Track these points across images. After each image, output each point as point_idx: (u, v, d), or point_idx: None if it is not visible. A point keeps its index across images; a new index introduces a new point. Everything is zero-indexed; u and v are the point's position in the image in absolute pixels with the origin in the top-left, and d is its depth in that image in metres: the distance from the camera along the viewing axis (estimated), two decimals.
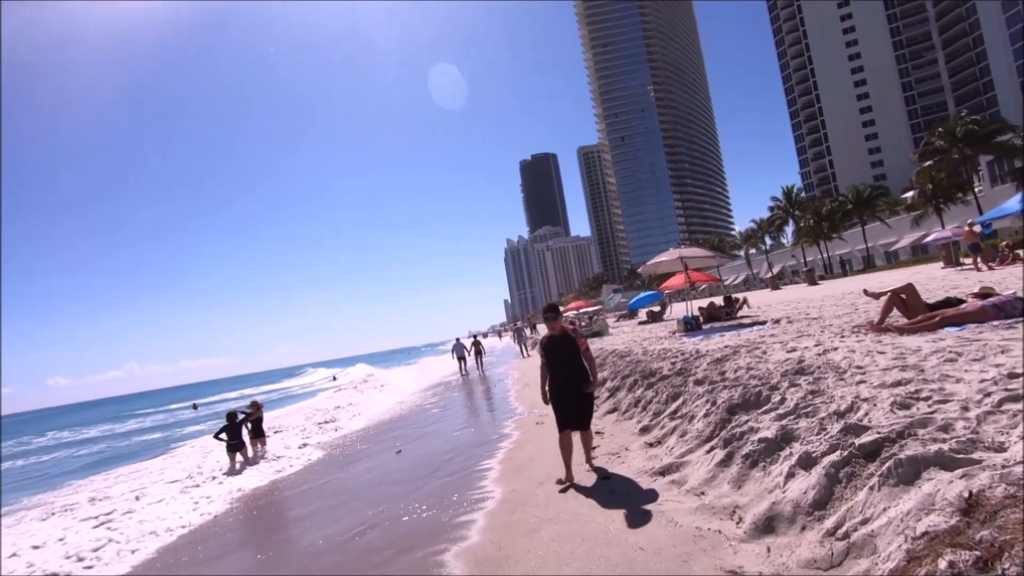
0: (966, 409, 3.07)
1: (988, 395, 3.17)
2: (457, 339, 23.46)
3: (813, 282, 37.36)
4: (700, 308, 16.11)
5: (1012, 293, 6.54)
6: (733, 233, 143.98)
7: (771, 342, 7.62)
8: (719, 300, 16.88)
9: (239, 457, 10.66)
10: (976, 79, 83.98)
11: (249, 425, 11.48)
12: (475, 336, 27.45)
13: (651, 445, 5.31)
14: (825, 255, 60.68)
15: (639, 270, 14.89)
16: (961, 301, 6.74)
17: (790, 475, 3.13)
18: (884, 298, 7.13)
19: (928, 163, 38.98)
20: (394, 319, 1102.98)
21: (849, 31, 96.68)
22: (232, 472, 9.72)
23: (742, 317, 15.44)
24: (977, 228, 16.95)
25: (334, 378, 48.98)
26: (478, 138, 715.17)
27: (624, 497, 4.12)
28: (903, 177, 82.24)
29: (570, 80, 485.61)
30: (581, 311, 41.25)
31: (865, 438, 2.94)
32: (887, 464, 2.60)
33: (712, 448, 4.21)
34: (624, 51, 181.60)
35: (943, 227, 42.87)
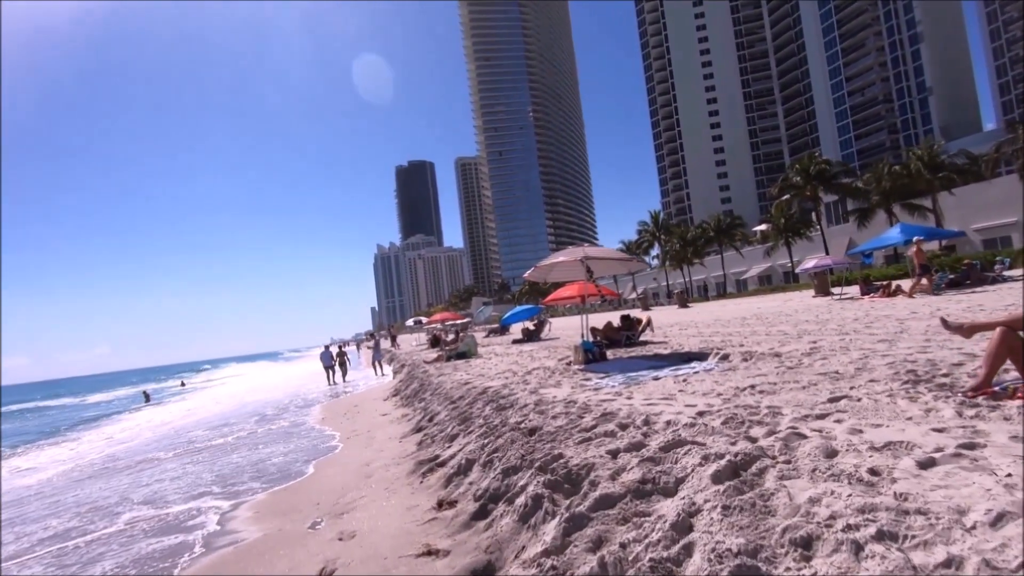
0: None
1: None
2: (326, 346, 23.45)
3: (684, 304, 37.03)
4: (594, 329, 12.71)
5: None
6: None
7: (790, 415, 3.98)
8: (616, 320, 13.69)
9: None
10: (806, 134, 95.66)
11: None
12: (340, 346, 26.48)
13: None
14: (686, 279, 63.17)
15: (526, 275, 11.11)
16: None
17: None
18: (996, 336, 3.84)
19: (785, 197, 41.12)
20: (252, 321, 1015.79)
21: (708, 77, 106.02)
22: None
23: (645, 343, 12.32)
24: (924, 247, 15.86)
25: (145, 396, 32.96)
26: (356, 137, 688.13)
27: None
28: (747, 212, 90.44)
29: (452, 90, 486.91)
30: (448, 323, 37.06)
31: None
32: None
33: None
34: (506, 67, 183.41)
35: (791, 259, 45.70)
